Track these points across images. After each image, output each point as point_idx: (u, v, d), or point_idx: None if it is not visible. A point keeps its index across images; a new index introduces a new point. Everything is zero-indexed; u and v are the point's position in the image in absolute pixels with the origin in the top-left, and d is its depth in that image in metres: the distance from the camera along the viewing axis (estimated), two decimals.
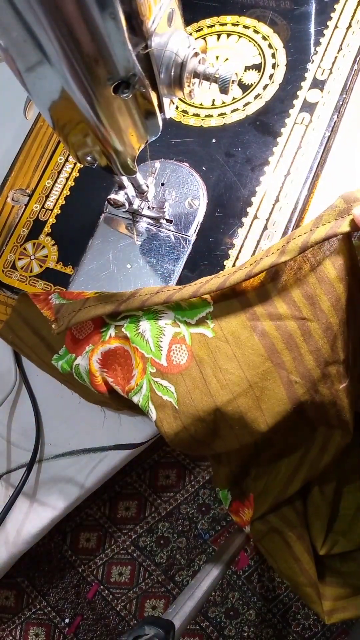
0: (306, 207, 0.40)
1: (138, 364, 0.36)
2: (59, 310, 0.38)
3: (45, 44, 0.23)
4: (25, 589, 0.98)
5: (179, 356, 0.35)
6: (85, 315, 0.36)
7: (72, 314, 0.37)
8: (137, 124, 0.30)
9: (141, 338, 0.36)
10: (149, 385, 0.36)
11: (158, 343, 0.35)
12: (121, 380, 0.38)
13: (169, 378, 0.35)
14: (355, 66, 0.42)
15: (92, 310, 0.36)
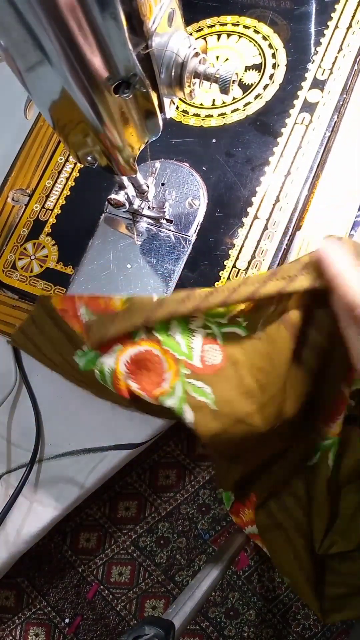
0: (306, 207, 0.40)
1: (171, 366, 0.35)
2: (90, 328, 0.37)
3: (45, 44, 0.23)
4: (25, 589, 0.98)
5: (212, 356, 0.34)
6: (115, 331, 0.35)
7: (102, 330, 0.36)
8: (137, 124, 0.30)
9: (173, 340, 0.35)
10: (184, 387, 0.35)
11: (190, 344, 0.35)
12: (147, 385, 0.37)
13: (203, 379, 0.34)
14: (356, 66, 0.42)
15: (121, 325, 0.35)
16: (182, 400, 0.35)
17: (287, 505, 0.40)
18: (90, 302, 0.37)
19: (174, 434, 0.99)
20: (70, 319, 0.38)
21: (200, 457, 0.97)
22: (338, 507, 0.40)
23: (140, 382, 0.37)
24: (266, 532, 0.41)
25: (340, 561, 0.40)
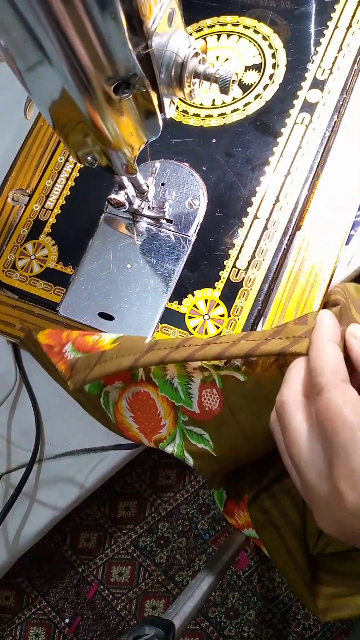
0: (306, 207, 0.40)
1: (168, 413, 0.35)
2: (73, 366, 0.35)
3: (45, 44, 0.23)
4: (25, 589, 0.98)
5: (210, 401, 0.33)
6: (100, 371, 0.33)
7: (87, 370, 0.34)
8: (137, 124, 0.30)
9: (170, 386, 0.34)
10: (182, 434, 0.34)
11: (187, 390, 0.34)
12: (146, 428, 0.36)
13: (202, 425, 0.33)
14: (356, 66, 0.42)
15: (107, 366, 0.33)
16: (182, 447, 0.35)
17: (282, 504, 0.40)
18: (77, 340, 0.36)
19: None
20: (54, 356, 0.37)
21: None
22: None
23: (140, 423, 0.36)
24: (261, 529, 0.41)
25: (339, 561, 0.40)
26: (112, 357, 0.33)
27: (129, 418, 0.36)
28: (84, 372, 0.34)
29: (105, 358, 0.34)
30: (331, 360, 0.25)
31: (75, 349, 0.36)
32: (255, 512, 0.41)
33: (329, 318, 0.28)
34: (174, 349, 0.32)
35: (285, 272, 0.39)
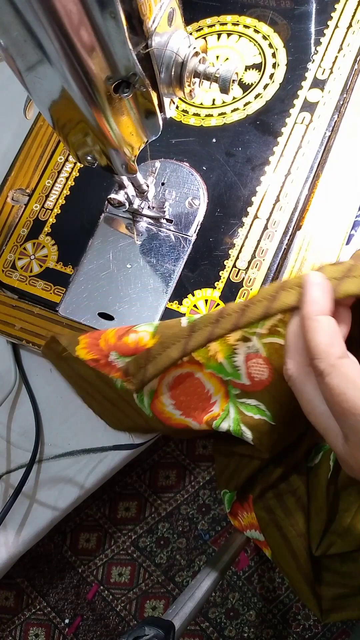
0: (307, 207, 0.40)
1: (218, 389, 0.34)
2: (127, 372, 0.34)
3: (45, 44, 0.23)
4: (25, 590, 0.98)
5: (259, 371, 0.33)
6: (154, 369, 0.33)
7: (142, 372, 0.33)
8: (137, 123, 0.30)
9: (215, 362, 0.34)
10: (237, 408, 0.34)
11: (233, 363, 0.33)
12: (193, 411, 0.35)
13: (255, 396, 0.33)
14: (356, 66, 0.42)
15: (159, 363, 0.33)
16: (238, 422, 0.34)
17: (287, 504, 0.40)
18: (118, 346, 0.35)
19: None
20: (103, 368, 0.35)
21: (200, 458, 0.97)
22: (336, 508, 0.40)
23: (184, 408, 0.35)
24: (266, 528, 0.41)
25: (341, 562, 0.40)
26: (159, 353, 0.33)
27: (169, 407, 0.35)
28: (140, 375, 0.33)
29: (153, 355, 0.33)
30: (324, 339, 0.25)
31: (121, 356, 0.35)
32: (260, 511, 0.41)
33: (316, 286, 0.26)
34: (215, 323, 0.31)
35: (285, 272, 0.39)
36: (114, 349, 0.35)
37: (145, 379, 0.33)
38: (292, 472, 0.40)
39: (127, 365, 0.34)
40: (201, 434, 0.39)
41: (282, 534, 0.40)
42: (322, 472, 0.39)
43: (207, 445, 0.98)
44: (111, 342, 0.35)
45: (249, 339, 0.32)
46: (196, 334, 0.31)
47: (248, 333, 0.32)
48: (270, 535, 0.41)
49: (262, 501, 0.41)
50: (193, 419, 0.36)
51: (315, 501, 0.39)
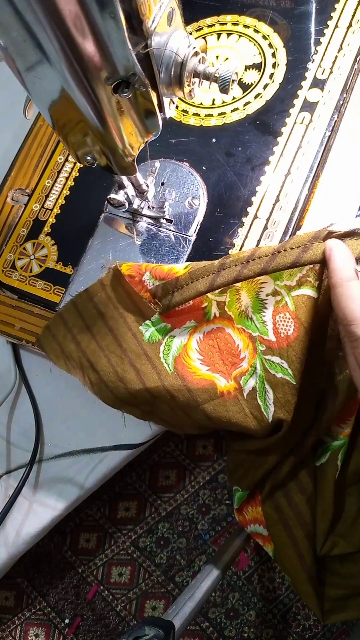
0: (307, 207, 0.40)
1: (247, 345, 0.34)
2: (155, 293, 0.36)
3: (45, 44, 0.23)
4: (25, 590, 0.98)
5: (285, 327, 0.32)
6: (180, 297, 0.34)
7: (168, 297, 0.35)
8: (137, 123, 0.30)
9: (245, 317, 0.34)
10: (262, 365, 0.34)
11: (262, 318, 0.33)
12: (221, 367, 0.36)
13: (279, 353, 0.33)
14: (356, 66, 0.42)
15: (185, 293, 0.34)
16: (262, 379, 0.34)
17: (296, 502, 0.40)
18: (154, 269, 0.36)
19: (174, 435, 0.98)
20: (136, 285, 0.37)
21: (200, 458, 0.97)
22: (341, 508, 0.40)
23: (212, 364, 0.35)
24: (273, 526, 0.41)
25: (341, 563, 0.40)
26: (186, 283, 0.34)
27: (196, 362, 0.36)
28: (165, 300, 0.35)
29: (180, 284, 0.34)
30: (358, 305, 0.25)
31: (152, 277, 0.36)
32: (269, 509, 0.41)
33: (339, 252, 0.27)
34: (245, 264, 0.31)
35: None
36: (150, 270, 0.36)
37: (171, 305, 0.34)
38: (301, 469, 0.40)
39: (156, 288, 0.36)
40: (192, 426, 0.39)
41: (290, 534, 0.40)
42: (330, 471, 0.39)
43: (207, 445, 0.98)
44: (150, 266, 0.36)
45: (279, 292, 0.33)
46: (225, 272, 0.32)
47: (279, 287, 0.33)
48: (277, 534, 0.41)
49: (271, 499, 0.41)
50: (221, 374, 0.36)
51: (322, 501, 0.39)
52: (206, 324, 0.35)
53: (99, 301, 0.39)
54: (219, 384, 0.36)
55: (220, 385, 0.36)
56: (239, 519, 0.45)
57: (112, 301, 0.38)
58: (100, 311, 0.39)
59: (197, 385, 0.36)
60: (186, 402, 0.36)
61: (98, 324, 0.39)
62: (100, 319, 0.39)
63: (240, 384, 0.35)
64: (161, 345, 0.37)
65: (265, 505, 0.41)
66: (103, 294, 0.39)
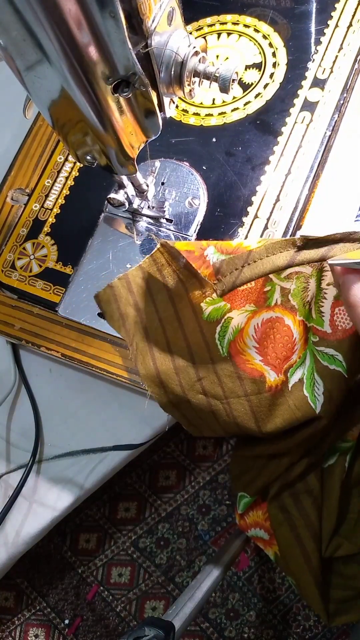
0: (307, 207, 0.40)
1: (302, 336, 0.33)
2: (219, 269, 0.31)
3: (44, 43, 0.23)
4: (24, 590, 0.98)
5: (344, 320, 0.31)
6: (251, 273, 0.30)
7: (236, 272, 0.31)
8: (137, 123, 0.30)
9: (305, 308, 0.32)
10: (313, 355, 0.32)
11: (319, 308, 0.32)
12: (274, 360, 0.33)
13: (334, 345, 0.31)
14: (356, 65, 0.42)
15: (259, 267, 0.30)
16: (312, 370, 0.33)
17: (303, 504, 0.40)
18: (219, 244, 0.33)
19: (174, 435, 0.98)
20: (195, 260, 0.33)
21: (200, 458, 0.97)
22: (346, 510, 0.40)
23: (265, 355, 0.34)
24: (278, 527, 0.40)
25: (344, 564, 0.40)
26: (261, 257, 0.30)
27: (252, 349, 0.34)
28: (231, 276, 0.31)
29: (253, 258, 0.30)
30: None
31: (217, 252, 0.32)
32: (275, 509, 0.40)
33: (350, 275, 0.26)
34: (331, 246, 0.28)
35: None
36: (214, 245, 0.33)
37: (237, 282, 0.30)
38: (310, 471, 0.40)
39: (220, 264, 0.31)
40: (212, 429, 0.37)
41: (296, 534, 0.39)
42: (337, 472, 0.39)
43: (207, 446, 0.98)
44: (213, 242, 0.33)
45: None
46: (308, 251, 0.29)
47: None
48: (282, 535, 0.40)
49: (277, 500, 0.40)
50: (272, 368, 0.34)
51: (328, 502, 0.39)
52: (266, 310, 0.33)
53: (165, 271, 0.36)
54: (269, 378, 0.34)
55: (270, 379, 0.34)
56: (240, 524, 0.45)
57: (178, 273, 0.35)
58: (166, 280, 0.36)
59: (249, 374, 0.34)
60: (232, 390, 0.34)
61: (161, 292, 0.36)
62: (165, 289, 0.36)
63: (287, 376, 0.34)
64: (218, 326, 0.34)
65: (272, 506, 0.40)
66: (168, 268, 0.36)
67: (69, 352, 0.42)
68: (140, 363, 0.37)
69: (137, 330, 0.37)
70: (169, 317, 0.36)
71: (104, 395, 0.47)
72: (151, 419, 0.46)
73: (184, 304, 0.35)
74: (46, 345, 0.43)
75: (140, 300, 0.37)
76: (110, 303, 0.37)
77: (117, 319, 0.37)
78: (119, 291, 0.37)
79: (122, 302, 0.37)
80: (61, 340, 0.43)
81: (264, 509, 0.43)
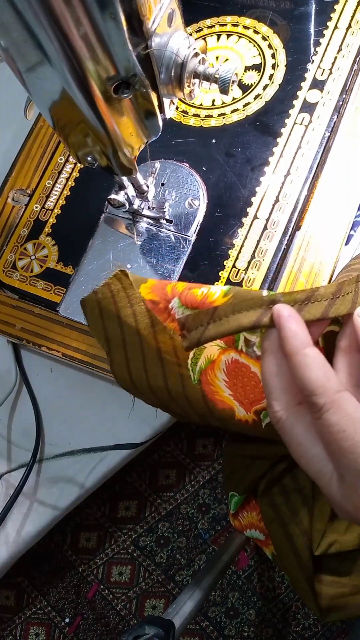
0: (306, 208, 0.40)
1: None
2: (184, 324, 0.31)
3: (45, 44, 0.23)
4: (25, 589, 0.98)
5: None
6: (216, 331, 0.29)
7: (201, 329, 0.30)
8: (137, 124, 0.30)
9: None
10: None
11: None
12: (243, 398, 0.33)
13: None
14: (355, 67, 0.42)
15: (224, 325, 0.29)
16: None
17: (292, 501, 0.40)
18: (184, 294, 0.32)
19: (174, 434, 0.99)
20: (160, 313, 0.32)
21: (200, 457, 0.98)
22: None
23: (234, 391, 0.33)
24: (270, 524, 0.41)
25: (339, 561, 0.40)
26: (226, 314, 0.29)
27: (221, 382, 0.33)
28: (196, 332, 0.30)
29: (219, 315, 0.29)
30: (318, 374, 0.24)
31: (182, 305, 0.31)
32: (266, 507, 0.41)
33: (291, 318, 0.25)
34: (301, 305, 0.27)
35: (284, 272, 0.39)
36: (179, 296, 0.32)
37: (202, 339, 0.29)
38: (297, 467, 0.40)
39: (185, 318, 0.30)
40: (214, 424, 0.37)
41: (286, 532, 0.40)
42: None
43: (207, 445, 0.98)
44: (178, 290, 0.32)
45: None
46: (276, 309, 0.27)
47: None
48: (274, 533, 0.41)
49: (268, 497, 0.41)
50: (240, 404, 0.33)
51: (319, 500, 0.39)
52: (235, 351, 0.32)
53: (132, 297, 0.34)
54: (238, 412, 0.34)
55: (239, 414, 0.34)
56: (235, 524, 0.45)
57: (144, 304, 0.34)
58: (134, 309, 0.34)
59: (217, 405, 0.34)
60: (203, 415, 0.35)
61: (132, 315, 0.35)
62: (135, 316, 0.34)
63: (260, 417, 0.34)
64: (192, 352, 0.33)
65: (263, 502, 0.41)
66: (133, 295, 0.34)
67: (70, 351, 0.42)
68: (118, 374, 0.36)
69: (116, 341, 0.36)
70: (148, 335, 0.35)
71: (104, 395, 0.47)
72: (151, 419, 0.46)
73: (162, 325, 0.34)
74: (47, 345, 0.43)
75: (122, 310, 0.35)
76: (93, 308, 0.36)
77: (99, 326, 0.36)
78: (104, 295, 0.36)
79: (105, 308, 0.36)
80: (62, 340, 0.43)
81: (257, 510, 0.43)
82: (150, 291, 0.33)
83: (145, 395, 0.37)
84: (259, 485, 0.41)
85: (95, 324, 0.37)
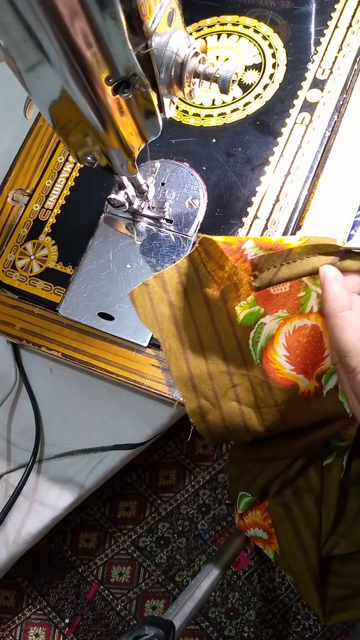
0: (306, 207, 0.40)
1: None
2: (257, 265, 0.31)
3: (45, 44, 0.23)
4: (25, 589, 0.98)
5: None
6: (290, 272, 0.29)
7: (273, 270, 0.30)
8: (137, 123, 0.30)
9: None
10: None
11: None
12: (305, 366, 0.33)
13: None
14: (356, 66, 0.42)
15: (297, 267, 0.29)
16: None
17: (304, 501, 0.40)
18: (257, 239, 0.32)
19: (174, 434, 0.99)
20: (233, 253, 0.32)
21: (200, 458, 0.97)
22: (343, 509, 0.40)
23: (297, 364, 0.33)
24: (279, 523, 0.41)
25: (341, 563, 0.40)
26: (301, 257, 0.29)
27: (282, 357, 0.33)
28: (269, 273, 0.30)
29: (293, 257, 0.29)
30: (352, 338, 0.25)
31: (256, 246, 0.31)
32: (276, 506, 0.40)
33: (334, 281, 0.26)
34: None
35: None
36: (253, 239, 0.32)
37: (275, 280, 0.30)
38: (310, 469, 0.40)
39: (258, 259, 0.31)
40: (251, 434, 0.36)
41: (296, 532, 0.40)
42: (335, 471, 0.39)
43: (207, 445, 0.98)
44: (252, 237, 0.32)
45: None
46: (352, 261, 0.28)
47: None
48: (283, 532, 0.40)
49: (279, 497, 0.40)
50: (304, 375, 0.33)
51: (327, 501, 0.39)
52: (299, 317, 0.32)
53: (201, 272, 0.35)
54: (302, 385, 0.34)
55: (303, 386, 0.34)
56: (239, 524, 0.45)
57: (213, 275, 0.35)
58: (201, 281, 0.35)
59: (279, 384, 0.34)
60: (264, 399, 0.34)
61: (196, 294, 0.36)
62: (199, 289, 0.36)
63: (321, 382, 0.34)
64: (252, 332, 0.34)
65: (274, 502, 0.41)
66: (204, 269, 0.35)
67: (70, 352, 0.42)
68: (174, 365, 0.36)
69: (171, 330, 0.36)
70: (203, 319, 0.35)
71: (104, 395, 0.47)
72: (151, 419, 0.46)
73: (218, 307, 0.35)
74: (47, 345, 0.43)
75: (176, 300, 0.36)
76: (144, 301, 0.37)
77: (150, 317, 0.37)
78: (154, 289, 0.37)
79: (157, 301, 0.37)
80: (62, 340, 0.43)
81: (262, 509, 0.43)
82: (225, 237, 0.33)
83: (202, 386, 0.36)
84: (272, 485, 0.41)
85: (147, 311, 0.37)
